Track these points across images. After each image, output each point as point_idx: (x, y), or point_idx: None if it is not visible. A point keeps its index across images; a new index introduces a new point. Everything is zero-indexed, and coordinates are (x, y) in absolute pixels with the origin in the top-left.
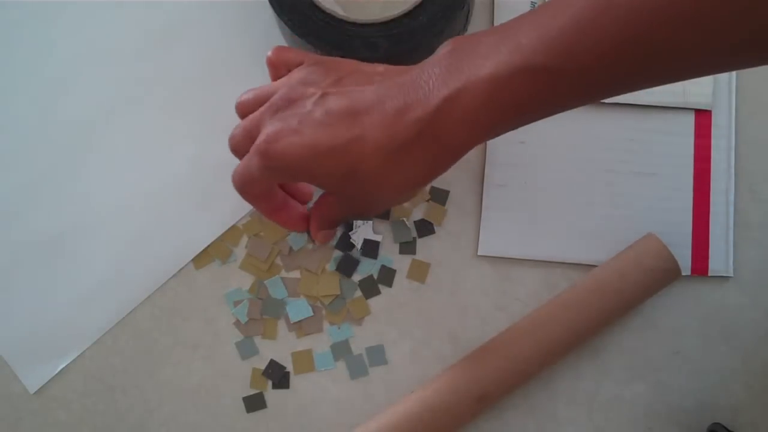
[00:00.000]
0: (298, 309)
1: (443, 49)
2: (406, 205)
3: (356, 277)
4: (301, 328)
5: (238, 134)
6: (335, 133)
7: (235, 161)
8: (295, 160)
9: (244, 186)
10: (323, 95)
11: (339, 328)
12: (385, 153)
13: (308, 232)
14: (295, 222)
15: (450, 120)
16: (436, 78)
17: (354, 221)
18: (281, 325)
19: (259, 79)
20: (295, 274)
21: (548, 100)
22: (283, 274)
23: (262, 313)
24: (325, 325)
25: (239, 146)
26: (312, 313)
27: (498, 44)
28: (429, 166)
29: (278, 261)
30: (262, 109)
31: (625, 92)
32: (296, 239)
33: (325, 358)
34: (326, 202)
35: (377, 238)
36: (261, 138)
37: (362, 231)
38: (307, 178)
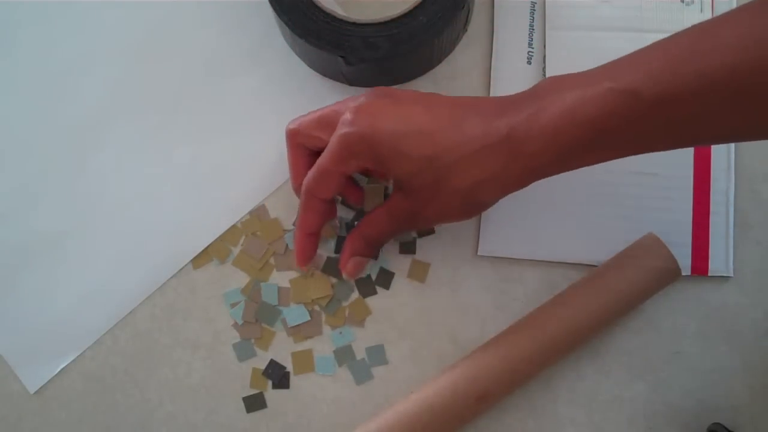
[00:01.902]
0: (295, 314)
1: (540, 83)
2: None
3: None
4: (299, 332)
5: (310, 119)
6: (433, 114)
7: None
8: (383, 133)
9: (322, 177)
10: (425, 94)
11: (341, 333)
12: (474, 147)
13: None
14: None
15: (534, 129)
16: (531, 97)
17: (356, 222)
18: (280, 327)
19: (259, 79)
20: (288, 274)
21: (628, 125)
22: (276, 274)
23: (257, 317)
24: (326, 329)
25: (305, 126)
26: (309, 318)
27: (587, 73)
28: (507, 172)
29: (271, 260)
30: (341, 102)
31: (707, 136)
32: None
33: (327, 363)
34: (373, 218)
35: None
36: (352, 107)
37: None
38: (384, 159)
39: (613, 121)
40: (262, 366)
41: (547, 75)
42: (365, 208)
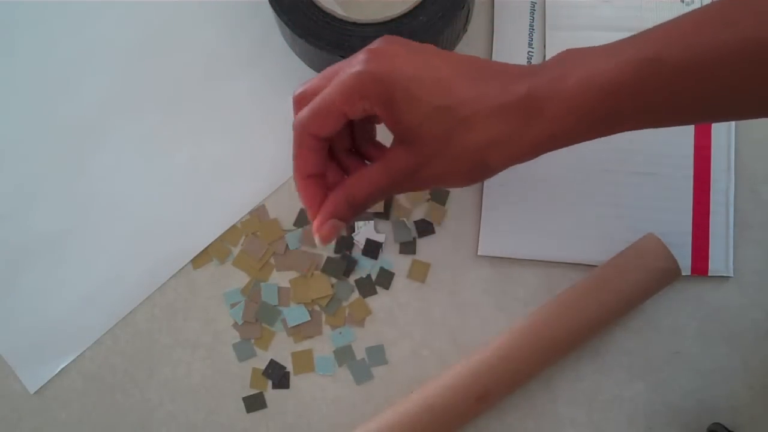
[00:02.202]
0: (295, 314)
1: (562, 53)
2: (406, 205)
3: (353, 278)
4: (299, 332)
5: (314, 79)
6: (452, 66)
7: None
8: (399, 73)
9: (318, 115)
10: (446, 51)
11: (341, 333)
12: (492, 104)
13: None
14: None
15: (556, 92)
16: (553, 66)
17: (356, 223)
18: (280, 327)
19: (259, 79)
20: (288, 274)
21: (650, 92)
22: (276, 274)
23: (257, 317)
24: (326, 329)
25: (310, 89)
26: (309, 318)
27: (610, 44)
28: (522, 135)
29: (271, 260)
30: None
31: (733, 110)
32: (294, 239)
33: (327, 363)
34: (365, 174)
35: (380, 238)
36: (362, 53)
37: (365, 231)
38: (395, 102)
39: (635, 87)
40: (262, 366)
41: None
42: None
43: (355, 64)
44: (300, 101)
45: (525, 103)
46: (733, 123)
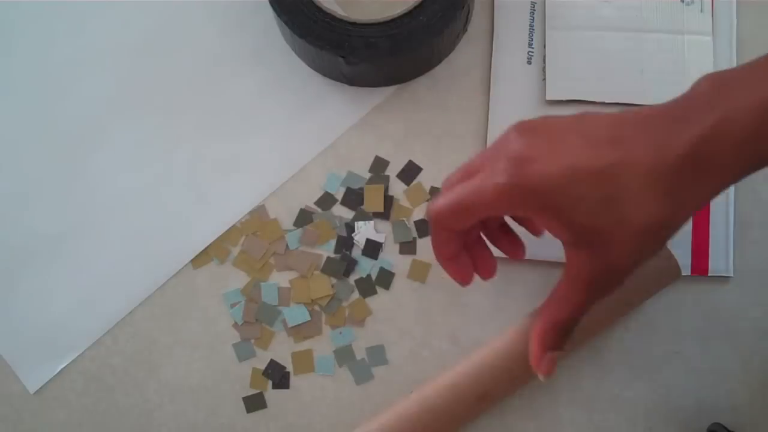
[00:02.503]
0: (296, 314)
1: (701, 84)
2: (406, 205)
3: (353, 278)
4: (299, 332)
5: (457, 173)
6: (599, 155)
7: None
8: (552, 181)
9: (459, 212)
10: (574, 121)
11: (341, 333)
12: (655, 175)
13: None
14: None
15: (721, 143)
16: (703, 103)
17: (356, 223)
18: (280, 327)
19: (260, 79)
20: (288, 274)
21: None
22: (275, 274)
23: (257, 317)
24: (326, 329)
25: (455, 184)
26: (309, 318)
27: (762, 72)
28: (699, 191)
29: (271, 260)
30: (490, 147)
31: None
32: (294, 239)
33: (327, 363)
34: (559, 296)
35: (379, 238)
36: (506, 159)
37: (365, 231)
38: (556, 208)
39: None
40: (262, 366)
41: (548, 75)
42: (365, 208)
43: (497, 172)
44: (437, 221)
45: (691, 163)
46: None
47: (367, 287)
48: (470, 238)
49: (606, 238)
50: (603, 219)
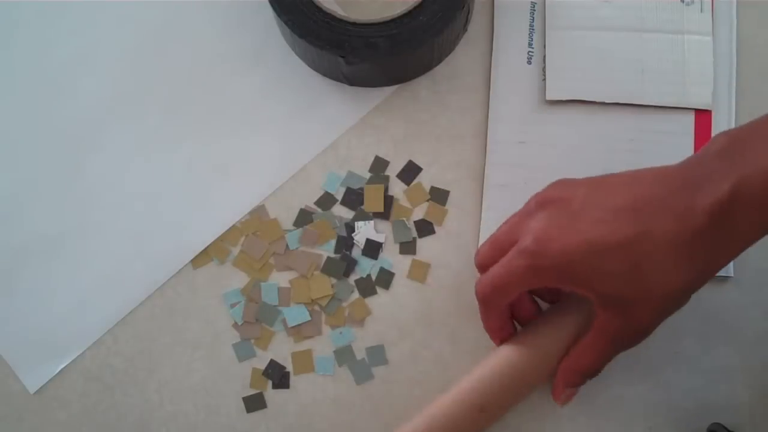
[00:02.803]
0: (296, 314)
1: (717, 142)
2: (406, 205)
3: (353, 278)
4: (299, 332)
5: (486, 248)
6: (619, 228)
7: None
8: (573, 257)
9: (499, 291)
10: (592, 192)
11: (341, 333)
12: (676, 245)
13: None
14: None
15: (743, 203)
16: (718, 166)
17: (356, 223)
18: (280, 327)
19: (260, 79)
20: (288, 274)
21: None
22: (275, 274)
23: (257, 317)
24: (326, 329)
25: (487, 260)
26: (309, 318)
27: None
28: (719, 255)
29: (271, 260)
30: (513, 219)
31: None
32: (293, 239)
33: (327, 363)
34: (587, 347)
35: (379, 238)
36: (529, 237)
37: (364, 231)
38: (582, 281)
39: None
40: (262, 366)
41: (548, 75)
42: (365, 208)
43: (523, 253)
44: (481, 267)
45: (711, 227)
46: (733, 123)
47: (367, 287)
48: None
49: (631, 302)
50: (628, 288)
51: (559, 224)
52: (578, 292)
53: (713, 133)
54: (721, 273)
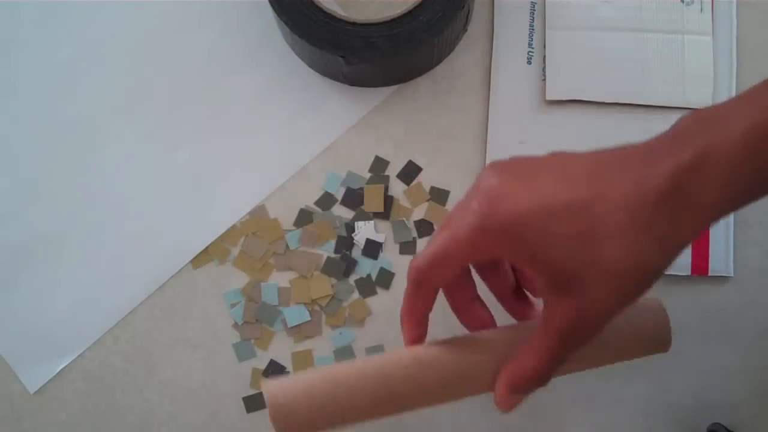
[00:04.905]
0: (296, 314)
1: (682, 120)
2: (406, 205)
3: (353, 278)
4: (299, 332)
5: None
6: (574, 188)
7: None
8: (525, 219)
9: (438, 264)
10: (553, 156)
11: (341, 333)
12: (632, 210)
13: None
14: (483, 323)
15: (703, 176)
16: (682, 135)
17: (356, 223)
18: (280, 327)
19: (259, 79)
20: (288, 274)
21: None
22: (276, 274)
23: (257, 317)
24: (326, 329)
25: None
26: (309, 318)
27: (746, 104)
28: (681, 227)
29: (271, 260)
30: (463, 198)
31: None
32: (293, 239)
33: (327, 363)
34: (530, 347)
35: (379, 238)
36: (479, 198)
37: (364, 231)
38: (530, 250)
39: None
40: (262, 366)
41: (548, 75)
42: (365, 208)
43: (470, 213)
44: (416, 276)
45: (672, 198)
46: None
47: (367, 287)
48: (461, 300)
49: (580, 280)
50: (578, 259)
51: (512, 186)
52: (526, 269)
53: None
54: (721, 273)
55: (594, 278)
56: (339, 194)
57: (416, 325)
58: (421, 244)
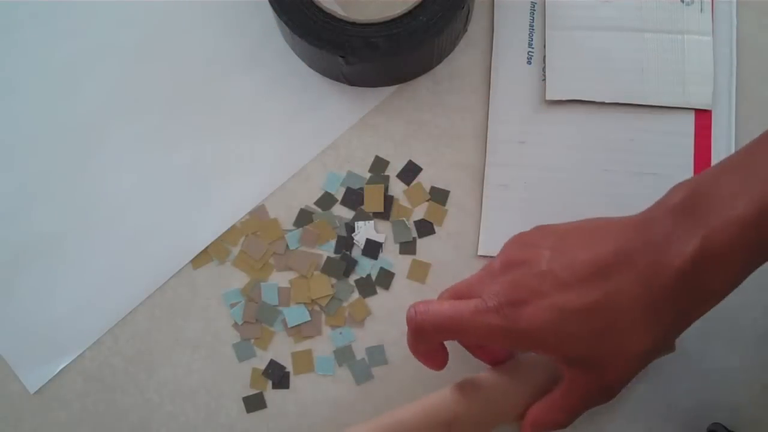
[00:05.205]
0: (296, 314)
1: (676, 195)
2: (406, 205)
3: (353, 278)
4: (299, 332)
5: (447, 293)
6: (587, 291)
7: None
8: (543, 325)
9: (447, 332)
10: (555, 253)
11: (341, 333)
12: (643, 307)
13: None
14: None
15: (708, 264)
16: (681, 221)
17: (356, 223)
18: (280, 327)
19: (259, 79)
20: (288, 274)
21: None
22: (275, 274)
23: (257, 317)
24: (326, 329)
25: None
26: (309, 318)
27: (741, 182)
28: (688, 312)
29: (271, 260)
30: (474, 277)
31: None
32: (293, 239)
33: (327, 363)
34: (554, 401)
35: (379, 238)
36: (496, 300)
37: (364, 231)
38: (551, 346)
39: None
40: (262, 366)
41: (548, 75)
42: (365, 208)
43: (488, 311)
44: (418, 332)
45: (680, 291)
46: (733, 123)
47: (367, 287)
48: (472, 344)
49: (600, 363)
50: (596, 352)
51: (528, 289)
52: (543, 355)
53: (713, 133)
54: None
55: (611, 361)
56: (339, 194)
57: (428, 358)
58: (421, 244)
